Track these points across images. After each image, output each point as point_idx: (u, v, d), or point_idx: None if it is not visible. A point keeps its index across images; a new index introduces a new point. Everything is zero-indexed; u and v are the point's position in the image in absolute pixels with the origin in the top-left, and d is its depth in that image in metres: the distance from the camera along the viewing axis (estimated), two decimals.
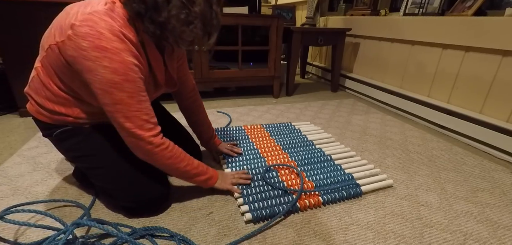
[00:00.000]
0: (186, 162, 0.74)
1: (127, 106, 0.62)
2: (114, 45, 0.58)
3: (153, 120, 0.67)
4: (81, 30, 0.57)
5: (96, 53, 0.57)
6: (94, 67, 0.58)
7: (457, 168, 1.08)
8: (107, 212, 0.77)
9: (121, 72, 0.59)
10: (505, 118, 1.23)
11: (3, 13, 1.23)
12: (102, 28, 0.57)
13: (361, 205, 0.84)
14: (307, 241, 0.69)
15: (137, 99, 0.63)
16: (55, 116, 0.72)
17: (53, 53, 0.63)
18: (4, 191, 0.84)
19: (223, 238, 0.69)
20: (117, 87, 0.60)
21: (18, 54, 1.31)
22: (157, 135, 0.67)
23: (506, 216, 0.82)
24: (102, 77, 0.58)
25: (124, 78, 0.60)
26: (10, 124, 1.34)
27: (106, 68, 0.58)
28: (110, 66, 0.58)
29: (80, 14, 0.58)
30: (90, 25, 0.57)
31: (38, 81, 0.70)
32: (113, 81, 0.59)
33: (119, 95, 0.60)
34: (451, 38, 1.41)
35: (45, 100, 0.70)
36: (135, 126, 0.64)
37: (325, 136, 1.30)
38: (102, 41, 0.57)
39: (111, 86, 0.59)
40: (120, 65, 0.59)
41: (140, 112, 0.64)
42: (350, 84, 2.22)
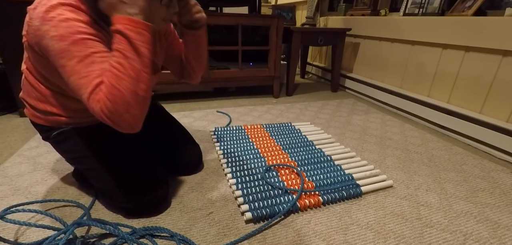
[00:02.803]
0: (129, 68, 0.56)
1: (78, 73, 0.55)
2: (60, 13, 0.54)
3: (97, 80, 0.56)
4: (35, 12, 0.56)
5: (45, 26, 0.54)
6: (46, 43, 0.55)
7: (457, 168, 1.08)
8: (107, 212, 0.77)
9: (68, 37, 0.54)
10: (505, 118, 1.23)
11: (3, 13, 1.23)
12: (49, 2, 0.55)
13: (361, 205, 0.84)
14: (307, 241, 0.69)
15: (89, 61, 0.55)
16: (49, 117, 0.72)
17: (28, 50, 0.63)
18: (4, 191, 0.84)
19: (223, 238, 0.69)
20: (66, 55, 0.54)
21: (18, 54, 1.30)
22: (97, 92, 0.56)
23: (506, 216, 0.82)
24: (53, 49, 0.55)
25: (72, 42, 0.54)
26: (10, 124, 1.34)
27: (53, 37, 0.54)
28: (57, 33, 0.54)
29: (35, 3, 0.57)
30: (41, 3, 0.55)
31: (27, 83, 0.70)
32: (62, 49, 0.54)
33: (70, 63, 0.55)
34: (451, 38, 1.41)
35: (36, 101, 0.71)
36: (90, 92, 0.55)
37: (325, 137, 1.30)
38: (50, 12, 0.54)
39: (61, 56, 0.54)
40: (66, 29, 0.54)
41: (93, 76, 0.55)
42: (350, 84, 2.22)
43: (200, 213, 0.78)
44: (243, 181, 0.89)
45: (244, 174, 0.93)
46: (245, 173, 0.94)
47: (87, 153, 0.74)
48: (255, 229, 0.71)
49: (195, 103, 1.77)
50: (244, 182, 0.89)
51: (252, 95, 2.02)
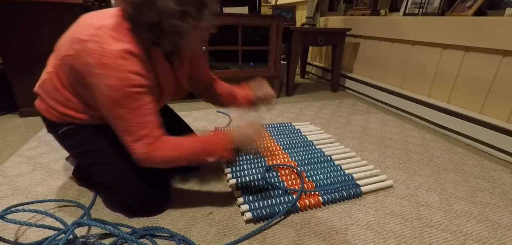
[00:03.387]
0: (186, 152, 0.67)
1: (126, 121, 0.61)
2: (117, 63, 0.58)
3: (154, 134, 0.64)
4: (88, 46, 0.57)
5: (99, 70, 0.57)
6: (98, 83, 0.59)
7: (457, 168, 1.08)
8: (107, 212, 0.77)
9: (121, 90, 0.59)
10: (505, 118, 1.23)
11: (4, 13, 1.23)
12: (107, 45, 0.57)
13: (361, 205, 0.84)
14: (307, 241, 0.69)
15: (137, 114, 0.62)
16: (65, 118, 0.72)
17: (66, 63, 0.64)
18: (4, 191, 0.84)
19: (223, 238, 0.69)
20: (117, 103, 0.60)
21: (18, 54, 1.31)
22: (151, 144, 0.64)
23: (506, 216, 0.82)
24: (104, 93, 0.59)
25: (124, 95, 0.59)
26: (10, 124, 1.34)
27: (107, 85, 0.58)
28: (111, 84, 0.58)
29: (90, 27, 0.59)
30: (96, 40, 0.57)
31: (51, 85, 0.70)
32: (112, 98, 0.59)
33: (119, 111, 0.61)
34: (451, 38, 1.41)
35: (56, 103, 0.71)
36: (133, 140, 0.63)
37: (325, 137, 1.30)
38: (106, 58, 0.57)
39: (111, 102, 0.60)
40: (120, 82, 0.58)
41: (138, 127, 0.62)
42: (350, 84, 2.22)
43: (200, 213, 0.78)
44: (243, 181, 0.89)
45: (244, 174, 0.93)
46: (245, 173, 0.94)
47: (94, 148, 0.74)
48: (255, 229, 0.71)
49: (195, 103, 1.77)
50: (244, 182, 0.89)
51: None
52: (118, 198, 0.76)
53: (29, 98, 1.40)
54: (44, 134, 1.23)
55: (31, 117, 1.42)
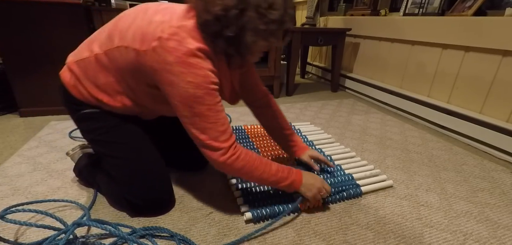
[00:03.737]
0: (262, 170, 0.69)
1: (205, 118, 0.61)
2: (199, 62, 0.58)
3: (228, 131, 0.65)
4: (168, 44, 0.57)
5: (181, 68, 0.57)
6: (177, 81, 0.58)
7: (457, 168, 1.08)
8: (107, 212, 0.77)
9: (203, 87, 0.59)
10: (505, 118, 1.23)
11: (4, 13, 1.23)
12: (189, 44, 0.57)
13: (361, 205, 0.84)
14: (307, 241, 0.69)
15: (215, 110, 0.62)
16: (92, 100, 0.71)
17: (125, 53, 0.63)
18: (4, 191, 0.84)
19: (223, 238, 0.69)
20: (199, 101, 0.60)
21: (18, 54, 1.31)
22: (230, 147, 0.65)
23: (506, 216, 0.82)
24: (185, 91, 0.59)
25: (206, 92, 0.60)
26: (10, 124, 1.34)
27: (190, 83, 0.58)
28: (194, 81, 0.58)
29: (167, 25, 0.58)
30: (177, 40, 0.57)
31: (93, 67, 0.68)
32: (196, 95, 0.59)
33: (200, 108, 0.61)
34: (451, 38, 1.41)
35: (91, 84, 0.70)
36: (210, 138, 0.63)
37: (325, 137, 1.30)
38: (188, 57, 0.57)
39: (193, 100, 0.60)
40: (203, 80, 0.59)
41: (216, 124, 0.63)
42: (350, 84, 2.22)
43: (200, 213, 0.78)
44: (243, 181, 0.89)
45: None
46: None
47: (113, 139, 0.74)
48: (255, 229, 0.71)
49: None
50: (244, 182, 0.89)
51: None
52: (124, 194, 0.74)
53: (29, 98, 1.40)
54: (44, 134, 1.23)
55: (31, 117, 1.42)
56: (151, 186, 0.74)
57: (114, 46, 0.65)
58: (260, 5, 0.56)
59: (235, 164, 0.65)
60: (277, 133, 0.93)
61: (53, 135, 1.22)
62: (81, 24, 1.35)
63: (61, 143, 1.15)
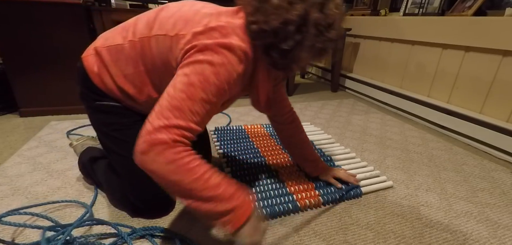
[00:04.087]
0: (195, 184, 0.50)
1: (190, 103, 0.52)
2: (234, 59, 0.55)
3: (195, 128, 0.53)
4: (212, 33, 0.55)
5: (213, 52, 0.54)
6: (202, 58, 0.53)
7: (457, 168, 1.08)
8: (107, 212, 0.77)
9: (221, 80, 0.54)
10: (505, 118, 1.23)
11: (4, 13, 1.23)
12: (231, 38, 0.55)
13: (361, 205, 0.84)
14: (307, 241, 0.69)
15: (207, 109, 0.55)
16: (116, 91, 0.69)
17: (162, 42, 0.61)
18: (4, 191, 0.84)
19: (223, 238, 0.69)
20: (205, 86, 0.53)
21: (18, 54, 1.31)
22: (181, 141, 0.51)
23: (506, 216, 0.82)
24: (202, 69, 0.53)
25: (219, 87, 0.54)
26: (10, 124, 1.34)
27: (213, 66, 0.53)
28: (218, 69, 0.53)
29: (215, 18, 0.57)
30: (222, 33, 0.55)
31: (125, 54, 0.66)
32: (208, 80, 0.53)
33: (198, 92, 0.53)
34: (451, 38, 1.41)
35: (119, 73, 0.67)
36: (168, 124, 0.50)
37: (325, 137, 1.30)
38: (227, 48, 0.54)
39: (202, 81, 0.53)
40: (226, 75, 0.54)
41: (190, 116, 0.52)
42: (350, 84, 2.22)
43: None
44: (243, 181, 0.89)
45: (244, 174, 0.93)
46: (245, 173, 0.94)
47: (127, 138, 0.71)
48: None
49: None
50: (244, 182, 0.89)
51: None
52: (127, 193, 0.74)
53: (29, 98, 1.40)
54: (44, 134, 1.23)
55: (31, 117, 1.42)
56: (156, 192, 0.73)
57: (151, 35, 0.63)
58: (320, 23, 0.55)
59: (166, 154, 0.49)
60: (298, 150, 0.90)
61: (53, 135, 1.22)
62: (81, 24, 1.35)
63: (61, 143, 1.15)
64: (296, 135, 0.88)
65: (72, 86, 1.45)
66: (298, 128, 0.88)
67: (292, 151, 0.92)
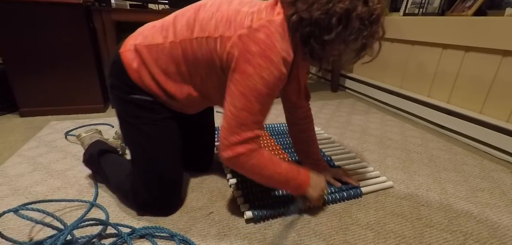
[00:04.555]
0: (272, 169, 0.66)
1: (252, 115, 0.60)
2: (279, 63, 0.57)
3: (259, 132, 0.63)
4: (257, 35, 0.56)
5: (261, 61, 0.56)
6: (251, 72, 0.57)
7: (457, 168, 1.08)
8: (107, 212, 0.77)
9: (271, 87, 0.59)
10: (505, 118, 1.23)
11: (4, 13, 1.23)
12: (276, 41, 0.56)
13: (361, 205, 0.84)
14: (307, 241, 0.69)
15: (265, 110, 0.62)
16: (154, 87, 0.69)
17: (205, 44, 0.62)
18: (4, 191, 0.84)
19: (223, 238, 0.69)
20: (260, 99, 0.59)
21: (18, 54, 1.31)
22: (254, 147, 0.62)
23: (506, 216, 0.82)
24: (253, 85, 0.57)
25: (271, 93, 0.60)
26: (10, 124, 1.34)
27: (263, 79, 0.57)
28: (268, 79, 0.57)
29: (257, 17, 0.58)
30: (266, 33, 0.56)
31: (166, 54, 0.66)
32: (261, 93, 0.58)
33: (255, 106, 0.59)
34: (451, 38, 1.41)
35: (160, 72, 0.67)
36: (241, 134, 0.60)
37: (325, 137, 1.30)
38: (272, 53, 0.56)
39: (256, 95, 0.58)
40: (275, 81, 0.59)
41: (254, 123, 0.61)
42: (350, 84, 2.22)
43: (200, 213, 0.78)
44: (243, 181, 0.89)
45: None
46: None
47: (154, 132, 0.72)
48: (255, 229, 0.71)
49: None
50: (244, 181, 0.89)
51: None
52: (138, 188, 0.74)
53: (29, 98, 1.40)
54: (44, 134, 1.23)
55: (31, 117, 1.42)
56: (167, 189, 0.75)
57: (193, 37, 0.64)
58: (364, 18, 0.55)
59: (248, 160, 0.62)
60: (304, 147, 0.90)
61: (53, 135, 1.22)
62: (81, 24, 1.35)
63: (61, 143, 1.15)
64: (306, 131, 0.88)
65: (72, 86, 1.45)
66: (310, 125, 0.88)
67: (298, 146, 0.92)
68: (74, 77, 1.43)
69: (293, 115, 0.87)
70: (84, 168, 0.91)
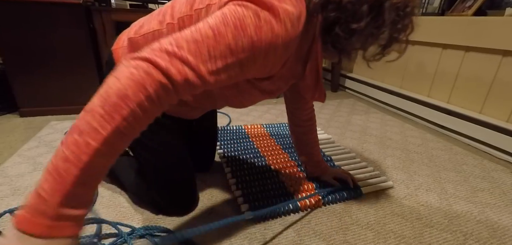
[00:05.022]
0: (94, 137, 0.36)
1: (213, 44, 0.40)
2: (283, 24, 0.43)
3: (203, 74, 0.41)
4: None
5: (262, 9, 0.42)
6: (249, 4, 0.42)
7: (457, 168, 1.08)
8: (107, 212, 0.76)
9: (262, 39, 0.42)
10: (505, 118, 1.23)
11: (3, 13, 1.23)
12: (286, 3, 0.43)
13: (361, 205, 0.84)
14: (307, 241, 0.69)
15: (227, 60, 0.42)
16: None
17: (205, 15, 0.52)
18: (4, 191, 0.84)
19: (223, 238, 0.69)
20: (237, 34, 0.41)
21: (18, 54, 1.31)
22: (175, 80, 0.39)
23: (506, 216, 0.82)
24: (242, 13, 0.41)
25: (258, 48, 0.43)
26: (10, 124, 1.34)
27: (257, 17, 0.42)
28: (260, 24, 0.42)
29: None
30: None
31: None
32: (245, 29, 0.41)
33: (227, 37, 0.41)
34: (451, 38, 1.41)
35: None
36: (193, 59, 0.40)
37: (325, 137, 1.30)
38: (280, 6, 0.42)
39: (238, 26, 0.41)
40: (268, 37, 0.43)
41: (209, 59, 0.41)
42: (350, 84, 2.22)
43: (200, 213, 0.77)
44: (243, 181, 0.89)
45: (244, 173, 0.93)
46: (245, 173, 0.94)
47: (154, 147, 0.70)
48: (255, 229, 0.71)
49: None
50: (244, 181, 0.89)
51: None
52: (152, 194, 0.74)
53: (29, 98, 1.40)
54: (44, 134, 1.23)
55: (31, 117, 1.42)
56: (182, 192, 0.75)
57: (192, 11, 0.53)
58: (399, 8, 0.49)
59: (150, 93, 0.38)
60: (305, 149, 0.88)
61: (53, 135, 1.22)
62: (81, 24, 1.35)
63: None
64: (309, 133, 0.86)
65: (72, 86, 1.45)
66: (313, 127, 0.86)
67: (299, 146, 0.90)
68: (74, 77, 1.43)
69: (297, 117, 0.84)
70: None
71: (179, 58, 0.39)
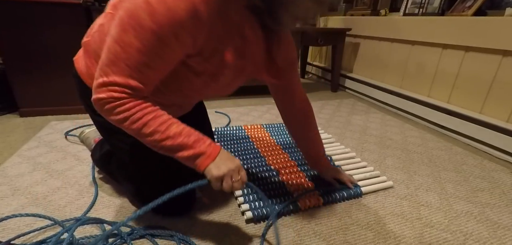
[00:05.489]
0: (155, 129, 0.50)
1: (125, 57, 0.45)
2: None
3: (135, 85, 0.47)
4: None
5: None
6: (134, 8, 0.43)
7: (457, 168, 1.08)
8: (107, 212, 0.77)
9: (160, 22, 0.43)
10: (505, 118, 1.23)
11: (3, 13, 1.23)
12: None
13: (361, 205, 0.84)
14: (307, 241, 0.69)
15: (143, 60, 0.45)
16: None
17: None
18: (4, 191, 0.84)
19: (223, 238, 0.69)
20: (138, 32, 0.43)
21: (18, 54, 1.31)
22: (123, 96, 0.47)
23: (506, 216, 0.82)
24: (134, 7, 0.43)
25: (159, 35, 0.44)
26: (10, 124, 1.34)
27: (147, 3, 0.42)
28: (156, 6, 0.42)
29: None
30: None
31: (106, 34, 0.52)
32: (142, 24, 0.43)
33: (132, 41, 0.44)
34: (451, 38, 1.41)
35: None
36: (117, 71, 0.46)
37: (325, 137, 1.30)
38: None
39: (134, 25, 0.43)
40: (165, 16, 0.42)
41: (131, 71, 0.46)
42: (350, 84, 2.22)
43: (200, 213, 0.77)
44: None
45: None
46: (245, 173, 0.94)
47: (138, 153, 0.69)
48: (255, 229, 0.71)
49: None
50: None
51: (252, 95, 2.02)
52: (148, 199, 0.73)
53: (29, 98, 1.40)
54: (44, 134, 1.23)
55: (31, 117, 1.42)
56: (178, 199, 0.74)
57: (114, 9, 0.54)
58: None
59: (113, 110, 0.48)
60: (304, 144, 0.87)
61: (53, 135, 1.22)
62: (81, 24, 1.35)
63: (61, 143, 1.15)
64: (304, 131, 0.83)
65: (72, 86, 1.45)
66: (308, 125, 0.83)
67: (297, 142, 0.88)
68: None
69: (286, 114, 0.83)
70: (84, 168, 0.91)
71: (110, 83, 0.46)
